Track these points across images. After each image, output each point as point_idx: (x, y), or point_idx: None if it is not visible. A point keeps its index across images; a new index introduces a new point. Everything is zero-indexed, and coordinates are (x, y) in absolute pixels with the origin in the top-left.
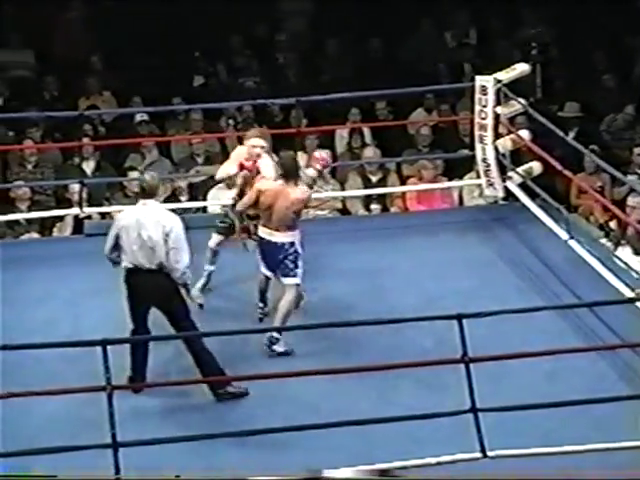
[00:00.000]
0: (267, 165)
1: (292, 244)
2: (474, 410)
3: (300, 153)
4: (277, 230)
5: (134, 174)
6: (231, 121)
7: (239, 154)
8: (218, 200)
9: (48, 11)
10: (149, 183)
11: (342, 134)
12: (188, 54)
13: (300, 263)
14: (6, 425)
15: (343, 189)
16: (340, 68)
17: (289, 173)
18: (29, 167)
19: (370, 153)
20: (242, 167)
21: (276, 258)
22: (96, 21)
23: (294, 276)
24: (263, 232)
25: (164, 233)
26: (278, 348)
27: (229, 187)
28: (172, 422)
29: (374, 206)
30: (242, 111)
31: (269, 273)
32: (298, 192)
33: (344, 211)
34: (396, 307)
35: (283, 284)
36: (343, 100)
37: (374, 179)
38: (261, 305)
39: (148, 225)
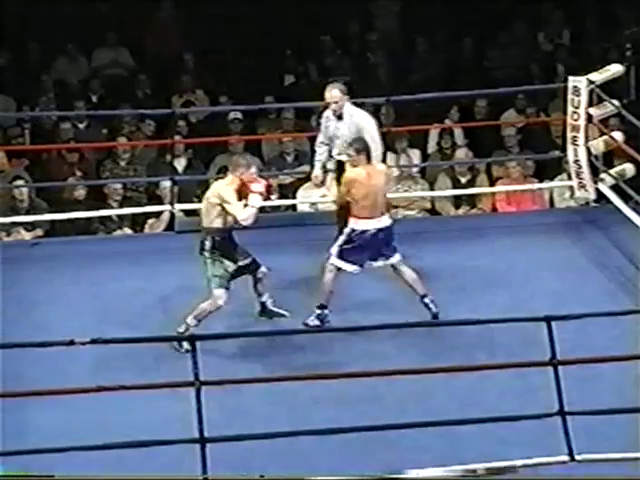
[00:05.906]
0: None
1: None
2: (562, 413)
3: (389, 153)
4: (383, 214)
5: None
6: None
7: None
8: (307, 199)
9: (142, 9)
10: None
11: (434, 134)
12: (279, 53)
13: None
14: (99, 418)
15: (432, 189)
16: (430, 67)
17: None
18: (122, 164)
19: (462, 155)
20: None
21: (383, 243)
22: (188, 20)
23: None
24: (366, 224)
25: None
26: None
27: (317, 186)
28: (258, 419)
29: (463, 207)
30: None
31: (358, 269)
32: (382, 166)
33: (433, 211)
34: (483, 308)
35: (393, 265)
36: (433, 100)
37: (463, 180)
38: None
39: None
